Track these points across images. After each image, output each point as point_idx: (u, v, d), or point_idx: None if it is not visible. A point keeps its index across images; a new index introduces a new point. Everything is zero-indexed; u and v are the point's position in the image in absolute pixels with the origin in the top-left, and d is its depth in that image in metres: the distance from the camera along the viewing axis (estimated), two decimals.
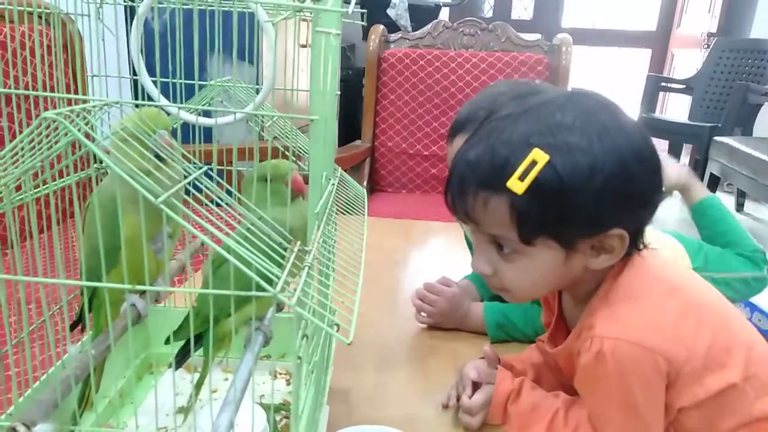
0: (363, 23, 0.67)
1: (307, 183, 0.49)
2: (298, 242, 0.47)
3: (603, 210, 0.54)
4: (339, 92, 0.57)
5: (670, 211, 3.32)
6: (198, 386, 0.62)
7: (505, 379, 0.70)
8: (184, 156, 0.50)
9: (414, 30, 2.24)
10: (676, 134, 3.57)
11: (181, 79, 0.59)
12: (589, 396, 0.61)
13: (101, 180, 0.58)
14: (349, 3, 0.47)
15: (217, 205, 0.44)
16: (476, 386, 0.71)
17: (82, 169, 0.58)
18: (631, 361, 0.54)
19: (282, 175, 0.55)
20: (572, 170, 0.52)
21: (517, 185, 0.52)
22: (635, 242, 0.58)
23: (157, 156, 0.47)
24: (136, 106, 0.53)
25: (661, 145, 3.42)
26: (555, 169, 0.52)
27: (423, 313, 0.92)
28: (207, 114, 0.59)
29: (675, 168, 1.01)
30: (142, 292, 0.55)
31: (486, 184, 0.55)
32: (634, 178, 0.54)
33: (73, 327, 0.60)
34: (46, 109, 0.41)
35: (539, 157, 0.52)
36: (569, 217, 0.54)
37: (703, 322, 0.57)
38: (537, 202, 0.53)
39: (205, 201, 0.41)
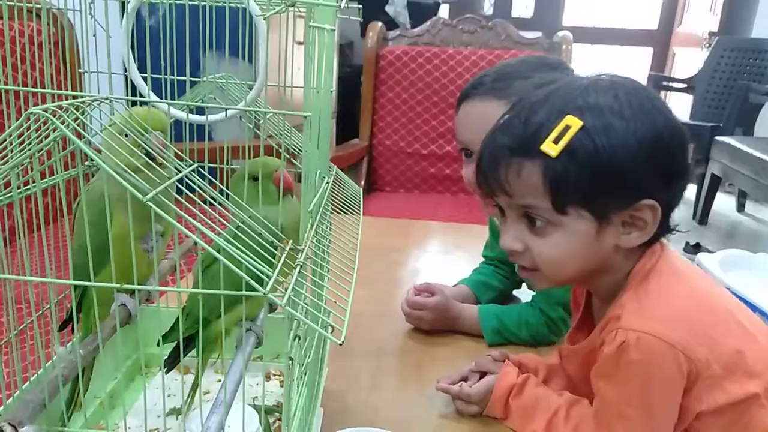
0: (360, 19, 0.67)
1: (299, 181, 0.48)
2: (290, 241, 0.46)
3: (636, 176, 0.54)
4: (334, 89, 0.56)
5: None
6: (193, 390, 0.61)
7: (509, 373, 0.70)
8: (176, 154, 0.49)
9: (413, 27, 2.23)
10: None
11: (174, 75, 0.58)
12: (604, 388, 0.59)
13: (92, 177, 0.57)
14: None
15: (210, 204, 0.43)
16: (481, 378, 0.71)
17: (73, 167, 0.57)
18: (653, 355, 0.54)
19: (270, 173, 0.54)
20: (606, 134, 0.53)
21: (551, 148, 0.53)
22: (665, 223, 0.58)
23: (148, 155, 0.46)
24: (127, 101, 0.52)
25: None
26: (588, 132, 0.53)
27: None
28: (200, 111, 0.59)
29: None
30: (133, 292, 0.55)
31: (519, 151, 0.56)
32: (667, 146, 0.55)
33: (63, 327, 0.59)
34: (36, 105, 0.40)
35: (573, 122, 0.53)
36: (603, 182, 0.54)
37: (730, 329, 0.56)
38: (571, 166, 0.54)
39: (198, 201, 0.40)
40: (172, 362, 0.58)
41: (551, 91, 0.58)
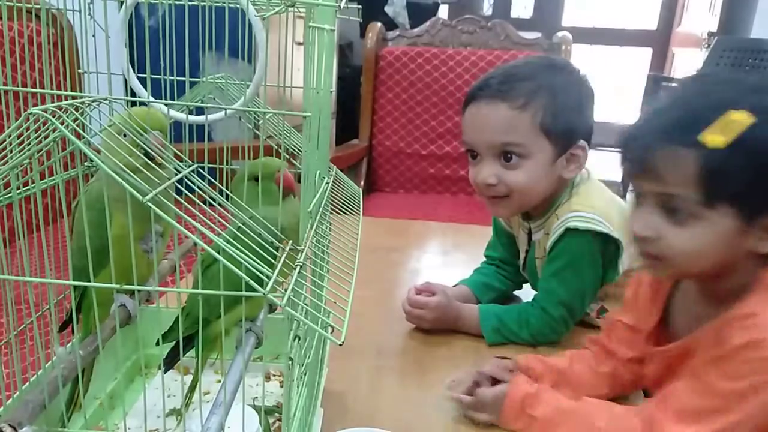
0: (360, 20, 0.67)
1: (299, 181, 0.48)
2: (290, 241, 0.46)
3: None
4: (333, 90, 0.56)
5: None
6: (191, 389, 0.61)
7: (521, 383, 0.68)
8: (175, 155, 0.49)
9: (412, 27, 2.23)
10: None
11: (174, 76, 0.58)
12: (710, 374, 0.56)
13: (91, 178, 0.57)
14: None
15: (210, 205, 0.43)
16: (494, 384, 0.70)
17: (73, 167, 0.57)
18: None
19: (271, 173, 0.54)
20: None
21: (715, 140, 0.52)
22: None
23: (147, 155, 0.46)
24: (126, 102, 0.52)
25: None
26: (759, 129, 0.51)
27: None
28: (199, 111, 0.59)
29: None
30: (133, 293, 0.55)
31: (677, 138, 0.54)
32: None
33: (62, 328, 0.59)
34: (35, 105, 0.40)
35: (743, 117, 0.52)
36: (763, 182, 0.52)
37: None
38: (733, 161, 0.52)
39: (198, 201, 0.40)
40: (170, 361, 0.58)
41: (715, 83, 0.57)
